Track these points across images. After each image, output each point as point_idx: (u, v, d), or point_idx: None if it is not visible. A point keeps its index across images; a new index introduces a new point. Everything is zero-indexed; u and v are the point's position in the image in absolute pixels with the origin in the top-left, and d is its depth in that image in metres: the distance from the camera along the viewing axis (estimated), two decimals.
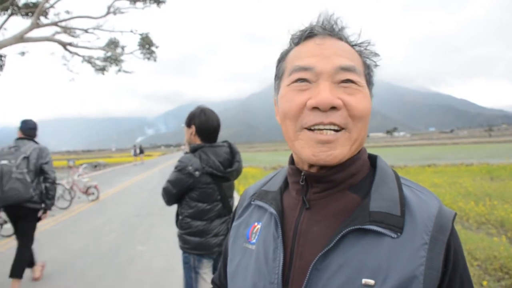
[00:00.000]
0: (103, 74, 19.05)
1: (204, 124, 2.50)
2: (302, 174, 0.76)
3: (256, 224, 0.84)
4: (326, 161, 0.68)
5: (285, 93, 0.74)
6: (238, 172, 2.61)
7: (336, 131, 0.69)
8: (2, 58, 15.67)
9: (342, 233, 0.66)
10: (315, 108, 0.68)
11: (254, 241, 0.81)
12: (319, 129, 0.68)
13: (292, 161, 0.82)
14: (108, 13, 16.78)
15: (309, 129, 0.69)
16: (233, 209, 2.63)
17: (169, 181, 2.47)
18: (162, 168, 26.13)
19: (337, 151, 0.68)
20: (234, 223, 0.92)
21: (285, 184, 0.86)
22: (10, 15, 14.95)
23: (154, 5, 17.26)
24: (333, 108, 0.67)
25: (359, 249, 0.65)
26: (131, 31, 17.60)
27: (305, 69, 0.71)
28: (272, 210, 0.79)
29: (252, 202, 0.89)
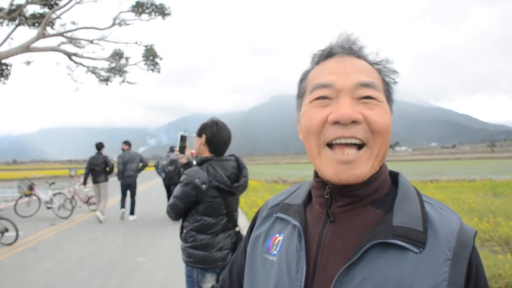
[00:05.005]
0: (107, 84, 19.13)
1: (215, 135, 2.49)
2: (327, 187, 0.77)
3: (277, 236, 0.84)
4: (348, 180, 0.70)
5: (307, 110, 0.76)
6: (244, 187, 2.60)
7: (358, 147, 0.70)
8: (8, 67, 15.80)
9: (366, 247, 0.67)
10: (336, 122, 0.69)
11: (275, 252, 0.82)
12: (339, 144, 0.70)
13: (317, 174, 0.82)
14: (113, 24, 16.92)
15: (331, 146, 0.71)
16: (237, 223, 2.62)
17: (175, 197, 2.44)
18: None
19: (359, 170, 0.70)
20: (253, 234, 0.92)
21: (308, 197, 0.86)
22: (17, 25, 15.13)
23: (159, 17, 17.44)
24: (354, 122, 0.69)
25: (382, 263, 0.66)
26: (136, 43, 17.71)
27: (325, 86, 0.73)
28: (295, 222, 0.80)
29: (274, 214, 0.89)
